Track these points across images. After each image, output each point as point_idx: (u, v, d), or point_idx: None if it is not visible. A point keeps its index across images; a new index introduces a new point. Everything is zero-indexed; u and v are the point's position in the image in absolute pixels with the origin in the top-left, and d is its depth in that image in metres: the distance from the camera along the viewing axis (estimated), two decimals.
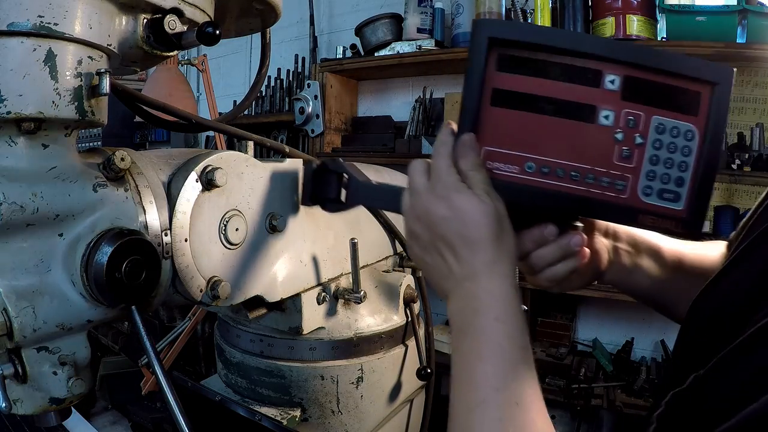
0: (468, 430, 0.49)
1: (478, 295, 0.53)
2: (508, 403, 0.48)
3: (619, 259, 0.74)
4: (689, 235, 0.58)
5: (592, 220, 0.71)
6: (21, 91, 0.52)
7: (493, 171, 0.59)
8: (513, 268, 0.56)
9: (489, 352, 0.51)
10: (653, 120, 0.57)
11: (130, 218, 0.62)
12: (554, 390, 2.25)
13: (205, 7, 0.68)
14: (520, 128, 0.58)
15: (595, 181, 0.58)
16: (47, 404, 0.57)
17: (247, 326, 0.94)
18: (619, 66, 0.56)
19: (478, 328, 0.52)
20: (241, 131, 0.85)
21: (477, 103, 0.58)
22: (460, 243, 0.55)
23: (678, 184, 0.57)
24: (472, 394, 0.50)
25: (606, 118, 0.57)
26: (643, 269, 0.75)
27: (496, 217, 0.55)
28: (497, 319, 0.52)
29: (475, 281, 0.54)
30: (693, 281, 0.75)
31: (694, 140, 0.57)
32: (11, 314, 0.52)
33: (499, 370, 0.50)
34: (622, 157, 0.57)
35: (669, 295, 0.77)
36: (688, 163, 0.57)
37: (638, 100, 0.56)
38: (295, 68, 3.22)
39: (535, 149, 0.58)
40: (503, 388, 0.49)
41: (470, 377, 0.51)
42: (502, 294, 0.53)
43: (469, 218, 0.54)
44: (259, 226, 0.77)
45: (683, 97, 0.56)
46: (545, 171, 0.58)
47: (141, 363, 2.26)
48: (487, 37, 0.56)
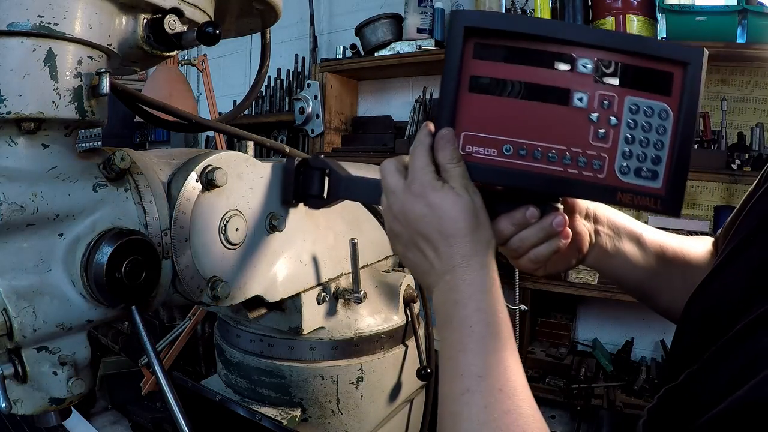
0: (456, 418, 0.51)
1: (458, 287, 0.56)
2: (491, 389, 0.50)
3: (600, 241, 0.76)
4: (668, 212, 0.59)
5: (572, 203, 0.73)
6: (21, 91, 0.52)
7: (472, 155, 0.61)
8: (491, 258, 0.58)
9: (471, 342, 0.53)
10: (627, 101, 0.58)
11: (130, 218, 0.62)
12: (554, 390, 2.25)
13: (205, 7, 0.68)
14: (497, 113, 0.60)
15: (573, 162, 0.60)
16: (47, 404, 0.57)
17: (247, 326, 0.94)
18: (592, 50, 0.58)
19: (460, 319, 0.54)
20: (241, 131, 0.85)
21: (455, 89, 0.60)
22: (438, 238, 0.57)
23: (654, 163, 0.59)
24: (458, 384, 0.52)
25: (580, 101, 0.59)
26: (625, 254, 0.76)
27: (472, 210, 0.57)
28: (478, 309, 0.54)
29: (455, 274, 0.56)
30: (675, 271, 0.76)
31: (668, 119, 0.58)
32: (11, 314, 0.52)
33: (481, 359, 0.52)
34: (598, 137, 0.59)
35: (652, 282, 0.78)
36: (663, 142, 0.59)
37: (611, 82, 0.59)
38: (295, 68, 3.22)
39: (513, 132, 0.60)
40: (486, 375, 0.51)
41: (455, 367, 0.53)
42: (481, 284, 0.55)
43: (446, 214, 0.57)
44: (259, 226, 0.77)
45: (656, 78, 0.58)
46: (522, 153, 0.60)
47: (141, 363, 2.26)
48: (463, 26, 0.59)
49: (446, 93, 0.60)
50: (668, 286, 0.76)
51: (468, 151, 0.61)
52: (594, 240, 0.75)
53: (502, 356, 0.52)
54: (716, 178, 2.16)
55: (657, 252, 0.77)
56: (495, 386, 0.50)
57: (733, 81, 2.27)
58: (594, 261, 0.77)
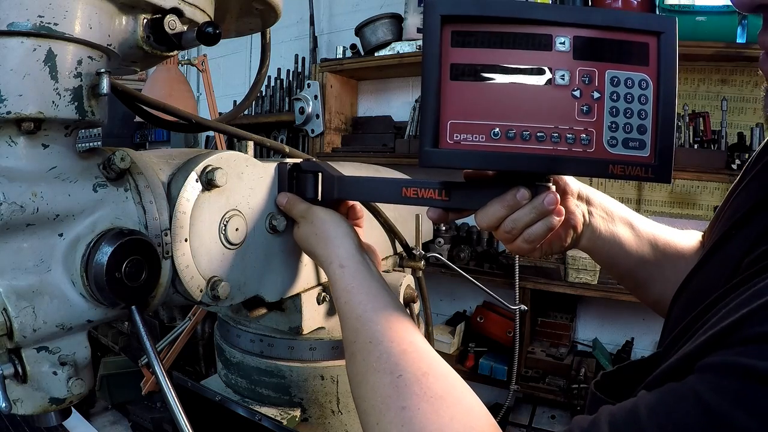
0: (351, 379, 0.63)
1: (332, 261, 0.69)
2: (363, 344, 0.61)
3: (594, 222, 0.76)
4: (659, 178, 0.60)
5: (564, 184, 0.73)
6: (21, 91, 0.52)
7: (460, 143, 0.61)
8: (354, 242, 0.71)
9: (343, 307, 0.66)
10: (607, 74, 0.60)
11: (130, 218, 0.62)
12: (554, 390, 2.26)
13: (205, 7, 0.68)
14: (481, 98, 0.60)
15: (561, 139, 0.60)
16: (47, 404, 0.57)
17: (247, 326, 0.94)
18: (567, 28, 0.59)
19: (334, 284, 0.68)
20: (241, 131, 0.85)
21: (437, 79, 0.60)
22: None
23: (641, 132, 0.60)
24: (347, 350, 0.64)
25: (562, 78, 0.60)
26: (619, 237, 0.77)
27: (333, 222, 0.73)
28: (341, 266, 0.68)
29: (331, 261, 0.70)
30: (666, 261, 0.77)
31: (648, 89, 0.60)
32: (11, 314, 0.52)
33: (351, 324, 0.64)
34: (583, 113, 0.60)
35: (644, 270, 0.79)
36: (647, 111, 0.60)
37: (590, 58, 0.59)
38: (295, 68, 3.22)
39: (499, 116, 0.60)
40: (360, 330, 0.62)
41: (343, 335, 0.66)
42: (346, 251, 0.69)
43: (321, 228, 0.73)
44: (259, 226, 0.77)
45: (632, 50, 0.59)
46: (511, 135, 0.60)
47: (141, 363, 2.26)
48: (439, 15, 0.59)
49: (428, 84, 0.60)
50: (660, 275, 0.77)
51: (456, 139, 0.61)
52: (588, 221, 0.76)
53: (369, 312, 0.63)
54: (716, 178, 2.16)
55: (650, 239, 0.78)
56: (365, 340, 0.61)
57: (733, 81, 2.27)
58: (588, 242, 0.77)
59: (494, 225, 0.66)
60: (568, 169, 0.63)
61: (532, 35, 0.59)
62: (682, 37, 0.69)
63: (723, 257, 0.57)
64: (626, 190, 2.50)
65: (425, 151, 0.61)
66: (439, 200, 0.68)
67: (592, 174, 0.62)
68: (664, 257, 0.78)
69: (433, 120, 0.61)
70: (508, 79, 0.60)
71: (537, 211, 0.64)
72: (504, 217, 0.65)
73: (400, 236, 1.06)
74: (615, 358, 2.37)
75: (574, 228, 0.75)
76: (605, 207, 0.78)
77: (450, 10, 0.59)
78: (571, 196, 0.75)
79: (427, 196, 0.69)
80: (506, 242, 0.69)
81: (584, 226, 0.76)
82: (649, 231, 0.79)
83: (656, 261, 0.78)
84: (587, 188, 0.77)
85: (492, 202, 0.65)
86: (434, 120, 0.61)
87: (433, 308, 1.17)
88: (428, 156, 0.61)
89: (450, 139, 0.61)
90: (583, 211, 0.76)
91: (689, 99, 2.31)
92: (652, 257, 0.78)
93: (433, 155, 0.61)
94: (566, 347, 2.45)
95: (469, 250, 2.58)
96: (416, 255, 1.11)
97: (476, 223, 0.67)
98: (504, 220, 0.65)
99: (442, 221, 0.78)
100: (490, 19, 0.59)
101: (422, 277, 1.12)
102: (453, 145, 0.61)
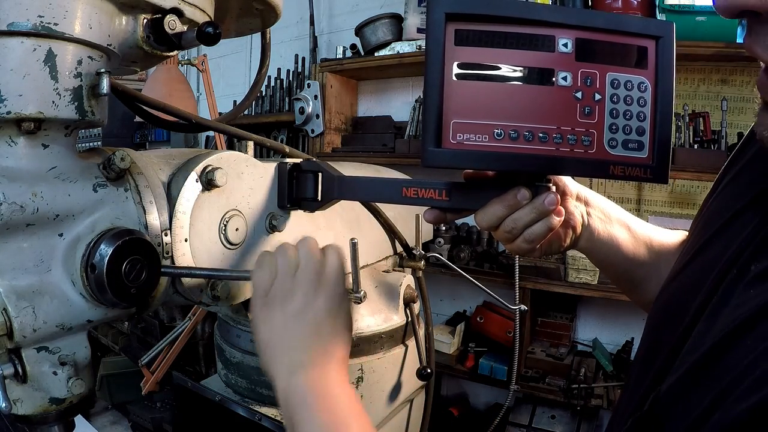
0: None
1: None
2: None
3: (593, 223, 0.77)
4: (657, 179, 0.61)
5: (563, 186, 0.74)
6: (21, 91, 0.52)
7: (463, 143, 0.61)
8: None
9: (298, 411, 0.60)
10: (608, 76, 0.61)
11: (130, 218, 0.62)
12: (554, 390, 2.25)
13: (205, 7, 0.68)
14: (484, 98, 0.61)
15: (563, 140, 0.61)
16: (47, 404, 0.57)
17: (247, 326, 0.94)
18: (570, 30, 0.60)
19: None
20: (241, 131, 0.85)
21: (440, 78, 0.60)
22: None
23: (639, 134, 0.61)
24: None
25: (564, 80, 0.60)
26: (617, 239, 0.78)
27: None
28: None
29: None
30: (662, 261, 0.77)
31: (647, 91, 0.61)
32: (11, 314, 0.52)
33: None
34: (584, 114, 0.61)
35: (641, 270, 0.79)
36: (645, 113, 0.61)
37: (591, 60, 0.60)
38: (295, 68, 3.21)
39: (502, 116, 0.61)
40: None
41: None
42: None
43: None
44: (259, 226, 0.77)
45: (632, 53, 0.61)
46: (514, 136, 0.60)
47: (141, 363, 2.26)
48: (443, 12, 0.59)
49: (431, 83, 0.60)
50: (656, 274, 0.77)
51: (459, 139, 0.61)
52: (587, 222, 0.77)
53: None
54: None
55: (645, 241, 0.79)
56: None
57: (733, 81, 2.27)
58: (587, 243, 0.78)
59: (494, 225, 0.66)
60: (570, 169, 0.63)
61: (536, 36, 0.60)
62: (682, 37, 0.70)
63: (704, 261, 0.57)
64: (626, 190, 2.50)
65: (428, 150, 0.60)
66: (439, 200, 0.68)
67: (594, 175, 0.63)
68: (660, 258, 0.78)
69: (436, 119, 0.60)
70: (511, 80, 0.60)
71: (537, 211, 0.64)
72: (504, 217, 0.65)
73: (400, 236, 1.06)
74: (615, 358, 2.36)
75: (573, 228, 0.75)
76: (603, 209, 0.79)
77: (455, 7, 0.59)
78: (570, 197, 0.75)
79: (427, 196, 0.69)
80: (506, 242, 0.69)
81: (583, 227, 0.77)
82: (645, 233, 0.80)
83: (652, 262, 0.79)
84: (586, 190, 0.78)
85: (492, 202, 0.65)
86: (437, 119, 0.60)
87: (433, 308, 1.17)
88: (431, 156, 0.60)
89: (453, 139, 0.60)
90: (581, 212, 0.76)
91: (689, 99, 2.31)
92: (648, 258, 0.79)
93: (436, 155, 0.60)
94: (566, 347, 2.44)
95: (469, 250, 2.57)
96: (416, 255, 1.11)
97: (476, 223, 0.68)
98: (504, 220, 0.65)
99: (440, 223, 0.78)
100: (494, 18, 0.59)
101: (422, 277, 1.12)
102: (456, 145, 0.60)
